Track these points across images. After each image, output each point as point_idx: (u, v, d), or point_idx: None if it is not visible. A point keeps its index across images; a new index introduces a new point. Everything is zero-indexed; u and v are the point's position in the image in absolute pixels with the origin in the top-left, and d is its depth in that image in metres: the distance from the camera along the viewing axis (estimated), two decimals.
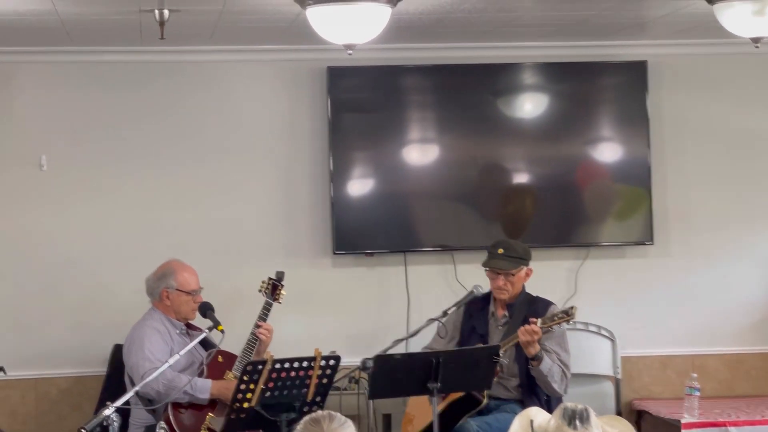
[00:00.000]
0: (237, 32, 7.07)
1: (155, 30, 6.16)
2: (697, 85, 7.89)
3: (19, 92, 7.43)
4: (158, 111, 7.53)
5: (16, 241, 7.41)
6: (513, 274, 6.76)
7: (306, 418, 3.63)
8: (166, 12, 6.03)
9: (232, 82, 7.61)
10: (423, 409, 6.54)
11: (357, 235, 7.62)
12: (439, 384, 5.92)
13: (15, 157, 7.41)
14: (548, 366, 6.54)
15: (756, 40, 5.95)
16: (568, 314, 6.44)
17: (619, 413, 7.48)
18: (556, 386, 6.57)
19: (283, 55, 7.60)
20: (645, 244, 7.79)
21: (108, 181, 7.50)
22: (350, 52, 5.79)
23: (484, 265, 6.81)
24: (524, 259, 6.81)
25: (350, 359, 6.75)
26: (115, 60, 7.46)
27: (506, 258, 6.75)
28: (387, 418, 7.39)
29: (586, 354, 7.55)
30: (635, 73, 7.76)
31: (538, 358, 6.50)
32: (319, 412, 3.63)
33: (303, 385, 5.82)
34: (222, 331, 6.15)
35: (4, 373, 6.77)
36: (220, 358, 6.51)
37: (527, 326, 6.43)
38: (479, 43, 7.62)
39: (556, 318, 6.47)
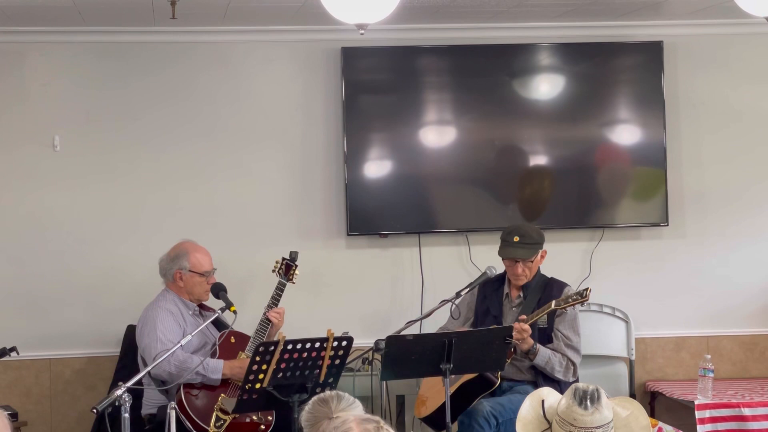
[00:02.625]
0: (249, 12, 7.05)
1: (167, 10, 6.14)
2: (713, 65, 7.85)
3: (32, 73, 7.43)
4: (171, 92, 7.52)
5: (30, 221, 7.41)
6: (531, 261, 6.74)
7: (314, 398, 3.63)
8: None
9: (245, 64, 7.60)
10: (436, 390, 6.55)
11: (371, 216, 7.60)
12: (451, 365, 5.92)
13: (28, 137, 7.41)
14: (544, 359, 6.55)
15: None
16: (582, 296, 6.43)
17: (632, 395, 7.50)
18: (559, 375, 6.58)
19: (296, 35, 7.58)
20: (660, 226, 7.76)
21: (121, 161, 7.50)
22: (362, 32, 5.76)
23: (502, 255, 6.78)
24: (540, 244, 6.79)
25: (363, 340, 6.77)
26: (127, 40, 7.46)
27: (524, 246, 6.72)
28: (400, 400, 7.39)
29: (600, 335, 7.56)
30: (651, 54, 7.72)
31: (532, 353, 6.52)
32: (328, 392, 3.62)
33: (315, 366, 5.82)
34: (234, 312, 6.16)
35: (17, 353, 6.78)
36: (232, 339, 6.52)
37: (516, 324, 6.42)
38: (494, 23, 7.59)
39: (570, 300, 6.46)
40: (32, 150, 7.41)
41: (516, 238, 6.73)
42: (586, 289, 6.46)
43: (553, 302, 6.49)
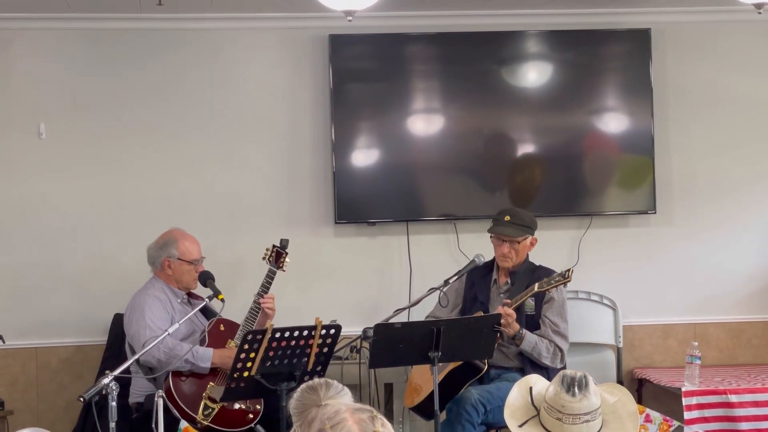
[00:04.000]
0: None
1: None
2: (701, 52, 7.85)
3: (17, 59, 7.40)
4: (158, 79, 7.50)
5: (16, 209, 7.39)
6: (518, 242, 6.74)
7: (303, 385, 3.60)
8: None
9: (233, 51, 7.57)
10: (425, 378, 6.54)
11: (359, 204, 7.59)
12: (440, 353, 5.92)
13: (13, 125, 7.38)
14: (531, 344, 6.55)
15: (759, 6, 5.92)
16: (564, 277, 6.43)
17: (620, 382, 7.49)
18: (546, 361, 6.58)
19: (284, 23, 7.56)
20: (647, 213, 7.76)
21: (108, 149, 7.47)
22: (350, 18, 5.76)
23: (490, 231, 6.79)
24: (530, 228, 6.79)
25: (351, 328, 6.76)
26: (114, 27, 7.42)
27: (512, 225, 6.73)
28: (388, 388, 7.39)
29: (587, 323, 7.56)
30: (639, 41, 7.71)
31: (518, 338, 6.52)
32: (317, 379, 3.59)
33: (303, 354, 5.81)
34: (222, 300, 6.15)
35: (3, 342, 6.76)
36: (222, 327, 6.51)
37: (501, 308, 6.42)
38: (482, 10, 7.58)
39: (553, 281, 6.46)
40: (17, 138, 7.38)
41: (507, 218, 6.75)
42: (568, 270, 6.46)
43: (536, 285, 6.48)
